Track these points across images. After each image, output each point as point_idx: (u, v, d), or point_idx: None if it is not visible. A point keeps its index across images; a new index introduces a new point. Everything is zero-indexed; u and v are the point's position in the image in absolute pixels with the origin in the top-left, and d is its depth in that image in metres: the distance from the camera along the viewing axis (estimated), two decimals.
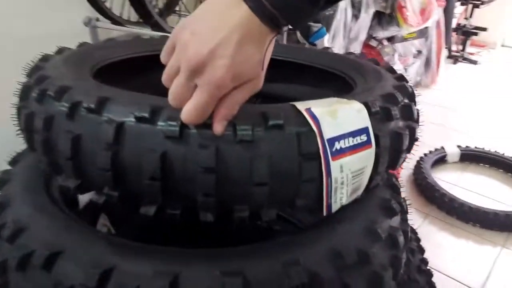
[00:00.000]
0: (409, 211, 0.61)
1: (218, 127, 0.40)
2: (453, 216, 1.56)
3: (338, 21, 2.08)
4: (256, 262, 0.43)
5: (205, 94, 0.39)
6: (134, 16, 1.34)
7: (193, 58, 0.38)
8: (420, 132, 0.58)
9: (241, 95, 0.40)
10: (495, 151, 1.95)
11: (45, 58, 0.61)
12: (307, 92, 0.76)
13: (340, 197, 0.46)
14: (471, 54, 3.70)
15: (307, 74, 0.75)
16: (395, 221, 0.54)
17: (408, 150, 0.54)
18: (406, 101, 0.55)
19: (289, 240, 0.46)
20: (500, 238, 1.46)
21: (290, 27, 0.41)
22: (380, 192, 0.57)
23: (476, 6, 3.37)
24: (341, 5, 1.98)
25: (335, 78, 0.70)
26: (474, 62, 3.56)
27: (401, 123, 0.52)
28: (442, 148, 1.97)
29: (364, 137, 0.45)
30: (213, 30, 0.38)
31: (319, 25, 1.51)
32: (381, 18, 2.41)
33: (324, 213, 0.47)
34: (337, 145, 0.44)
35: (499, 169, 1.91)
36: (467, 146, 2.02)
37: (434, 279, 0.87)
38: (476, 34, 3.49)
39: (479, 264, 1.34)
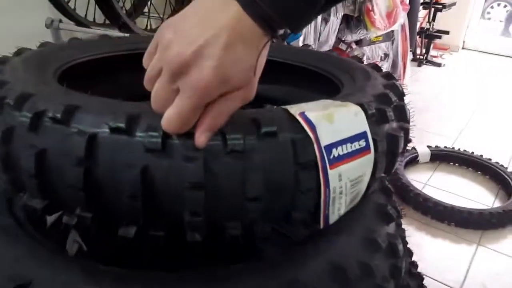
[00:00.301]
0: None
1: (201, 138, 0.36)
2: (428, 215, 1.58)
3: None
4: (252, 284, 0.39)
5: (188, 99, 0.34)
6: (99, 18, 1.27)
7: (175, 58, 0.34)
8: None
9: (229, 104, 0.36)
10: (464, 150, 1.99)
11: (2, 61, 0.54)
12: (290, 93, 0.72)
13: (338, 207, 0.43)
14: (434, 56, 3.81)
15: (288, 73, 0.72)
16: (392, 227, 0.52)
17: (403, 152, 0.52)
18: (398, 101, 0.52)
19: (285, 257, 0.42)
20: (475, 236, 1.48)
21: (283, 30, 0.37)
22: (375, 197, 0.54)
23: (438, 10, 3.46)
24: None
25: (320, 77, 0.67)
26: (438, 65, 3.66)
27: (395, 125, 0.49)
28: (414, 148, 2.00)
29: (362, 143, 0.42)
30: (199, 29, 0.34)
31: None
32: (349, 22, 2.43)
33: (321, 226, 0.43)
34: (335, 152, 0.40)
35: (468, 168, 1.95)
36: (436, 146, 2.06)
37: None
38: (439, 37, 3.59)
39: (457, 263, 1.36)
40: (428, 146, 2.04)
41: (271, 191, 0.38)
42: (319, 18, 2.09)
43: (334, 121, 0.41)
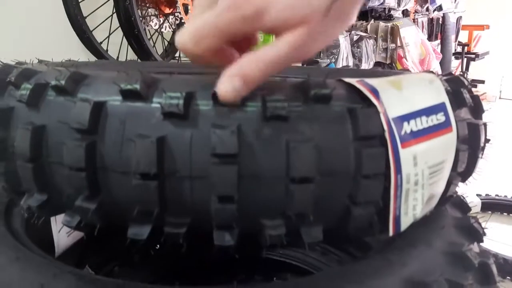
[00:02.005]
0: None
1: (224, 84, 0.27)
2: None
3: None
4: None
5: (215, 11, 0.27)
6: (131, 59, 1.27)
7: None
8: None
9: (271, 50, 0.27)
10: None
11: (20, 62, 0.50)
12: None
13: (413, 205, 0.32)
14: None
15: None
16: (477, 247, 0.40)
17: (482, 151, 0.42)
18: (471, 91, 0.43)
19: (347, 271, 0.32)
20: None
21: None
22: (450, 211, 0.43)
23: (471, 59, 3.39)
24: (343, 53, 1.95)
25: None
26: None
27: (471, 115, 0.40)
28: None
29: (441, 117, 0.32)
30: None
31: (327, 60, 1.44)
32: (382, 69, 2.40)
33: (391, 232, 0.33)
34: (407, 127, 0.31)
35: None
36: (487, 195, 1.87)
37: None
38: (475, 86, 3.49)
39: None
40: (478, 195, 1.85)
41: (323, 172, 0.29)
42: (351, 64, 2.06)
43: (402, 87, 0.32)
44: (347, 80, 0.32)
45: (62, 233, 0.46)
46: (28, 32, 1.13)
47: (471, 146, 0.37)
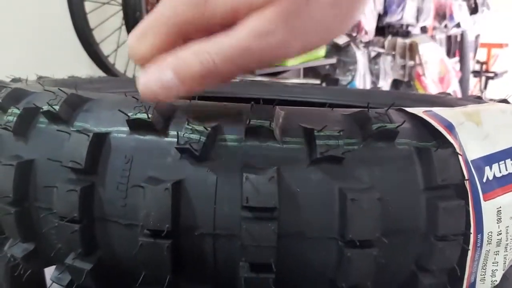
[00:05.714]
0: None
1: (148, 75, 0.21)
2: None
3: (357, 87, 1.99)
4: None
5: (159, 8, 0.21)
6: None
7: None
8: None
9: (226, 40, 0.19)
10: None
11: (16, 79, 0.44)
12: None
13: (493, 270, 0.26)
14: None
15: None
16: None
17: None
18: None
19: None
20: None
21: None
22: None
23: (490, 77, 3.32)
24: (360, 71, 1.89)
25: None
26: None
27: None
28: None
29: None
30: None
31: (349, 78, 1.38)
32: (399, 87, 2.33)
33: None
34: (489, 173, 0.24)
35: None
36: None
37: None
38: None
39: None
40: None
41: (388, 231, 0.22)
42: (368, 81, 1.99)
43: (482, 122, 0.25)
44: (412, 110, 0.25)
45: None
46: (32, 44, 1.09)
47: None
